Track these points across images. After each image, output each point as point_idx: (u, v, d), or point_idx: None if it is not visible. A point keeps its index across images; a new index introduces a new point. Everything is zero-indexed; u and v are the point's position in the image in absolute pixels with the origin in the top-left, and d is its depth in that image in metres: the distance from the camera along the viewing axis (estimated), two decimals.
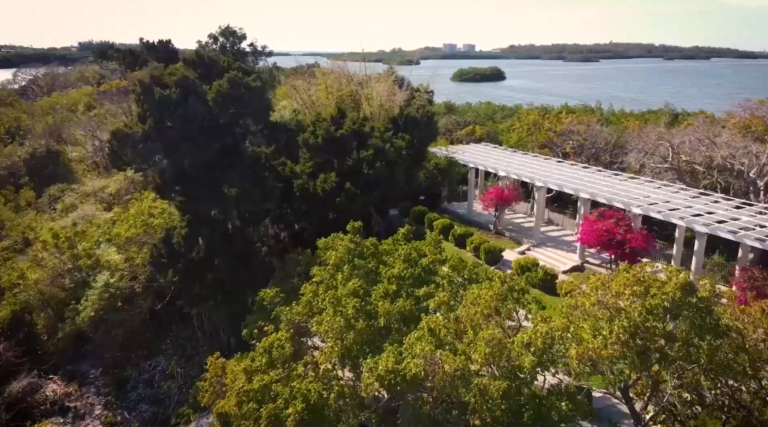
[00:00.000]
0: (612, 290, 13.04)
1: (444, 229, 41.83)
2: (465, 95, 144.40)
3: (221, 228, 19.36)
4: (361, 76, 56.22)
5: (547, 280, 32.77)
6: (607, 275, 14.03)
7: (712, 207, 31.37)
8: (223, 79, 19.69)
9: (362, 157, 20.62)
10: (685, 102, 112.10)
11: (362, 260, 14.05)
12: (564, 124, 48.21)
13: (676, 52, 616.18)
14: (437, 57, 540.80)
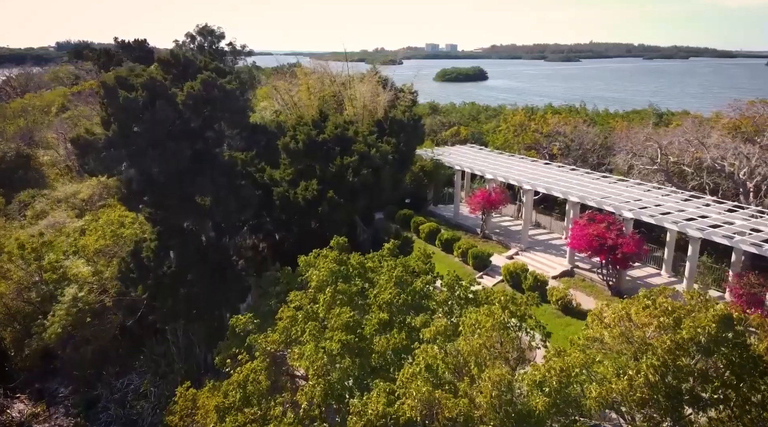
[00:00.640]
0: (636, 320, 11.81)
1: (430, 233, 40.82)
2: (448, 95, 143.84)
3: (194, 240, 17.99)
4: (344, 77, 54.97)
5: (538, 286, 31.88)
6: (628, 302, 12.83)
7: (704, 211, 30.70)
8: (195, 80, 18.32)
9: (346, 164, 19.40)
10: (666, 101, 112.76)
11: (347, 281, 12.76)
12: (550, 125, 47.44)
13: (655, 51, 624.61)
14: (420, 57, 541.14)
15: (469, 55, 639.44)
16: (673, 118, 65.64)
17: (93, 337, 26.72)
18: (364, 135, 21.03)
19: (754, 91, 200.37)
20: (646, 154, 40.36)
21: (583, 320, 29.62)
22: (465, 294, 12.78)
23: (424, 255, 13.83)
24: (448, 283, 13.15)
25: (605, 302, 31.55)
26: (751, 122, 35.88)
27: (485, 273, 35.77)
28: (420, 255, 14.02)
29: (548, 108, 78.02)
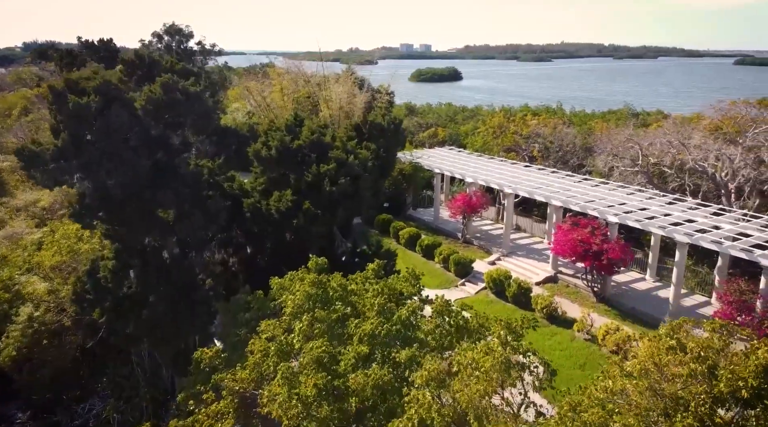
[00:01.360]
0: (662, 365, 10.60)
1: (410, 239, 39.65)
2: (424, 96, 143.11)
3: (156, 258, 16.41)
4: (318, 77, 53.39)
5: (521, 294, 30.95)
6: (651, 344, 11.62)
7: (689, 214, 30.09)
8: (155, 83, 16.70)
9: (323, 172, 18.00)
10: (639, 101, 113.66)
11: (326, 306, 11.35)
12: (530, 127, 46.67)
13: (624, 51, 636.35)
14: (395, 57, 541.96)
15: (443, 55, 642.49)
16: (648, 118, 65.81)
17: (51, 359, 24.85)
18: (342, 141, 19.65)
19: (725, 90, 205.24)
20: (627, 156, 39.79)
21: (568, 329, 28.82)
22: (456, 322, 11.53)
23: (412, 276, 12.53)
24: (437, 309, 11.88)
25: (591, 309, 31.08)
26: (733, 123, 35.52)
27: (467, 280, 34.72)
28: (408, 276, 12.71)
29: (525, 109, 77.71)
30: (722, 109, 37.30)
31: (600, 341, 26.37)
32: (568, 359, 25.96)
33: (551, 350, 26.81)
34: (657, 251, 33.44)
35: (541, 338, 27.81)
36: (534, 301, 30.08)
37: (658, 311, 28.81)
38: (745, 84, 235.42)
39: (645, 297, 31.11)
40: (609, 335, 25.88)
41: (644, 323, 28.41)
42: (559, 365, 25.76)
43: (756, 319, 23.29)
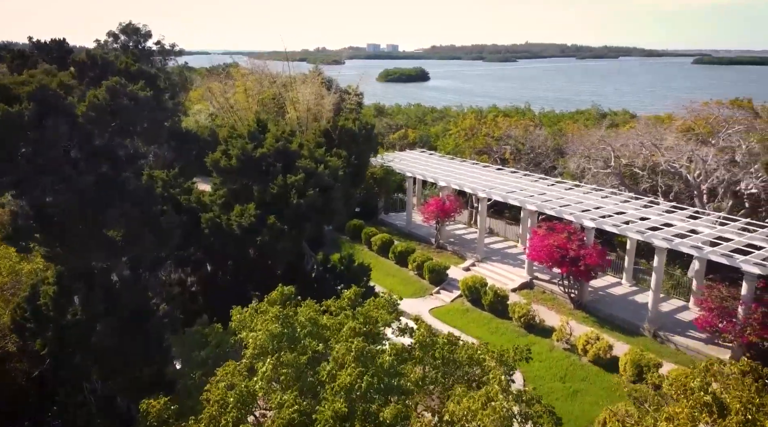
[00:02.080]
0: None
1: (383, 245, 38.37)
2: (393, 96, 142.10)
3: (103, 282, 14.72)
4: (284, 77, 51.63)
5: (498, 301, 30.01)
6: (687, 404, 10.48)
7: (666, 218, 29.64)
8: (101, 87, 15.00)
9: (289, 183, 16.55)
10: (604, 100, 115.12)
11: (294, 345, 9.88)
12: (502, 128, 45.96)
13: (587, 51, 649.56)
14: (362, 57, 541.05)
15: (410, 55, 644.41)
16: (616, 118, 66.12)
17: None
18: (310, 148, 18.21)
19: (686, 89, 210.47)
20: (599, 158, 39.37)
21: (547, 338, 28.00)
22: (442, 354, 10.30)
23: (389, 303, 11.23)
24: (420, 341, 10.62)
25: (568, 316, 30.36)
26: (705, 123, 35.38)
27: (442, 287, 33.64)
28: (385, 303, 11.40)
29: (494, 109, 77.38)
30: (694, 110, 37.17)
31: (580, 351, 25.61)
32: (548, 371, 25.09)
33: (530, 362, 25.89)
34: (633, 255, 32.99)
35: None
36: (511, 309, 29.19)
37: (636, 317, 28.25)
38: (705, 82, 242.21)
39: (622, 302, 30.56)
40: (589, 345, 25.12)
41: (623, 330, 27.82)
42: (538, 377, 24.93)
43: (737, 325, 22.79)
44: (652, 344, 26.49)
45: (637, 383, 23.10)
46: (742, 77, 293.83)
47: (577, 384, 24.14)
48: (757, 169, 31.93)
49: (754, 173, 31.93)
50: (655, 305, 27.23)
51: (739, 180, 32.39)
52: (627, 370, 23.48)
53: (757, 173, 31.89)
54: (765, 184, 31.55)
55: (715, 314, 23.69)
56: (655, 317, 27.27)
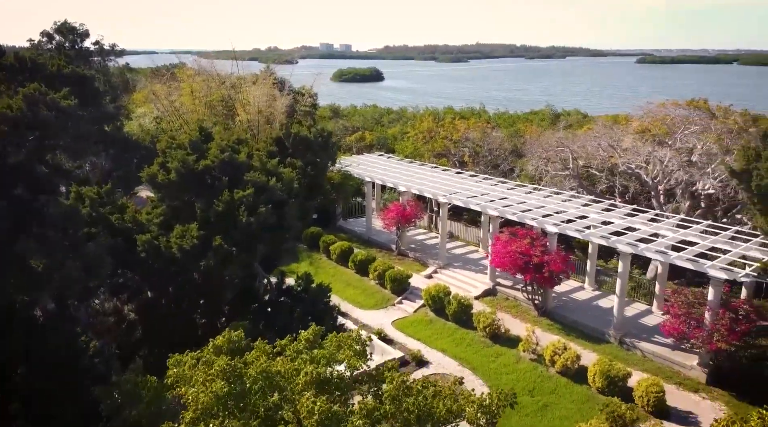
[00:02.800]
0: None
1: (342, 254, 36.85)
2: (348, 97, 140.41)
3: (24, 320, 12.70)
4: (234, 78, 49.27)
5: (462, 311, 28.98)
6: None
7: (629, 222, 29.31)
8: (17, 95, 12.96)
9: (237, 199, 14.86)
10: (555, 100, 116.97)
11: (242, 402, 8.34)
12: (460, 131, 45.16)
13: (535, 51, 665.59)
14: (315, 56, 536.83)
15: (363, 55, 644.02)
16: (569, 118, 66.68)
17: None
18: (261, 158, 16.52)
19: (630, 88, 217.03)
20: (558, 160, 39.03)
21: (513, 349, 27.11)
22: (418, 405, 8.94)
23: (356, 340, 9.73)
24: (391, 393, 9.22)
25: (533, 324, 29.62)
26: (661, 124, 35.44)
27: (405, 297, 32.41)
28: (353, 339, 9.84)
29: (450, 111, 76.93)
30: (651, 111, 37.26)
31: (547, 362, 24.82)
32: (516, 384, 24.14)
33: (497, 374, 24.99)
34: (594, 259, 32.67)
35: (486, 360, 26.00)
36: (476, 319, 28.20)
37: (601, 324, 27.75)
38: (650, 81, 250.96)
39: (587, 308, 30.07)
40: (557, 356, 24.35)
41: (589, 338, 27.27)
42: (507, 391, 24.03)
43: (705, 331, 22.43)
44: (619, 351, 26.01)
45: (606, 394, 22.50)
46: (682, 75, 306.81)
47: (547, 397, 23.31)
48: (714, 170, 32.07)
49: (711, 173, 32.06)
50: (620, 311, 26.78)
51: (696, 181, 32.48)
52: (596, 381, 22.82)
53: (714, 173, 32.03)
54: (722, 185, 31.69)
55: (682, 320, 23.31)
56: (621, 323, 26.82)
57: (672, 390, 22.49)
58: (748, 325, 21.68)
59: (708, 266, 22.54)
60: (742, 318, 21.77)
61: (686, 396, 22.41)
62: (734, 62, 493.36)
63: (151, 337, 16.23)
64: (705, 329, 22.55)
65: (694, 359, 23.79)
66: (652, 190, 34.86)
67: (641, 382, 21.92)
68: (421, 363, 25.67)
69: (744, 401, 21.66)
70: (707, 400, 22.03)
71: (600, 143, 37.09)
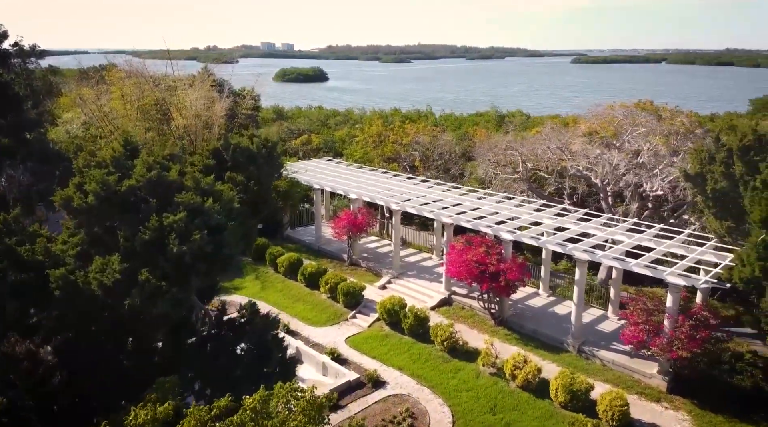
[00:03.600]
0: None
1: (291, 266, 34.94)
2: (292, 97, 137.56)
3: None
4: (170, 80, 46.30)
5: (419, 324, 27.75)
6: None
7: (583, 227, 28.95)
8: None
9: (167, 224, 12.94)
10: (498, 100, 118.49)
11: None
12: (410, 135, 44.08)
13: (475, 52, 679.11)
14: (256, 56, 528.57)
15: (306, 55, 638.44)
16: (513, 119, 67.08)
17: None
18: (195, 176, 14.57)
19: (569, 87, 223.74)
20: (508, 164, 38.56)
21: (472, 363, 26.02)
22: None
23: (312, 406, 8.17)
24: None
25: (491, 334, 28.75)
26: (608, 125, 35.50)
27: (358, 311, 30.89)
28: (306, 403, 8.26)
29: (396, 112, 76.05)
30: (599, 114, 37.31)
31: (508, 376, 23.92)
32: (477, 402, 23.13)
33: (457, 392, 23.86)
34: (548, 265, 32.23)
35: (445, 376, 24.85)
36: (433, 332, 27.04)
37: (559, 332, 27.20)
38: (585, 80, 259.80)
39: (543, 316, 29.49)
40: (518, 370, 23.47)
41: (548, 347, 26.62)
42: (468, 410, 22.85)
43: (665, 339, 22.07)
44: (578, 360, 25.47)
45: (569, 408, 21.80)
46: (613, 74, 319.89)
47: (509, 415, 22.37)
48: (662, 171, 32.25)
49: (659, 175, 32.21)
50: (578, 319, 26.26)
51: (644, 182, 32.58)
52: (559, 395, 22.07)
53: (662, 175, 32.19)
54: (671, 186, 31.89)
55: (641, 328, 22.88)
56: (579, 331, 26.31)
57: (634, 400, 22.02)
58: (708, 331, 21.43)
59: (667, 273, 22.20)
60: (702, 324, 21.49)
61: (649, 406, 21.99)
62: (663, 62, 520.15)
63: (73, 384, 14.05)
64: (665, 336, 22.19)
65: (654, 366, 23.47)
66: (601, 192, 34.82)
67: (605, 395, 21.30)
68: (378, 384, 24.23)
69: (705, 409, 21.44)
70: (670, 409, 21.67)
71: (549, 146, 36.84)
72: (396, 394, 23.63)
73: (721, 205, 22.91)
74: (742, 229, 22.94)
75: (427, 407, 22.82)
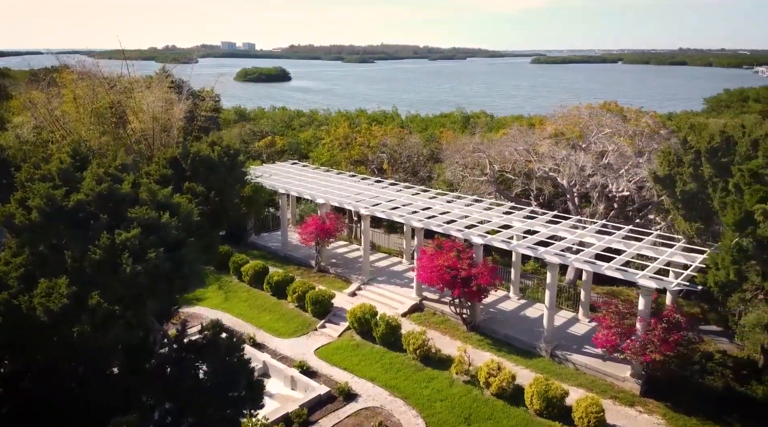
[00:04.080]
0: None
1: (256, 275, 33.80)
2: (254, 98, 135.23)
3: None
4: (126, 81, 44.38)
5: (391, 332, 27.10)
6: None
7: (552, 230, 28.82)
8: None
9: (120, 242, 11.87)
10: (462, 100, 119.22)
11: None
12: (377, 137, 43.39)
13: (438, 53, 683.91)
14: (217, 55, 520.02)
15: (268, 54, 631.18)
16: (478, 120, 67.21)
17: None
18: (151, 188, 13.49)
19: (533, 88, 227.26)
20: (476, 166, 38.30)
21: (445, 371, 25.43)
22: None
23: None
24: None
25: (463, 340, 28.27)
26: (573, 126, 35.59)
27: (328, 320, 30.02)
28: None
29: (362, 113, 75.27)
30: (566, 115, 37.38)
31: (482, 384, 23.49)
32: (451, 412, 22.61)
33: (431, 402, 23.28)
34: (518, 267, 32.07)
35: (418, 386, 24.25)
36: (405, 340, 26.42)
37: (532, 336, 26.97)
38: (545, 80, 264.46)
39: (515, 320, 29.24)
40: (492, 377, 23.06)
41: (520, 352, 26.34)
42: (442, 421, 22.26)
43: (638, 342, 21.99)
44: (551, 365, 25.26)
45: (545, 416, 21.51)
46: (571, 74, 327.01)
47: (484, 424, 21.93)
48: (628, 171, 32.45)
49: (625, 175, 32.40)
50: (550, 323, 26.07)
51: (611, 183, 32.72)
52: (534, 403, 21.76)
53: (628, 175, 32.39)
54: (636, 187, 32.11)
55: (614, 331, 22.77)
56: (551, 335, 26.12)
57: (609, 405, 21.87)
58: (680, 334, 21.43)
59: (639, 277, 22.12)
60: (674, 327, 21.48)
61: (623, 411, 21.87)
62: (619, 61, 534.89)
63: (21, 418, 12.81)
64: (638, 339, 22.12)
65: (627, 369, 23.41)
66: (567, 193, 34.86)
67: (580, 402, 21.07)
68: (349, 397, 23.46)
69: (679, 412, 21.43)
70: (644, 414, 21.59)
71: (516, 148, 36.73)
72: (368, 407, 22.90)
73: (690, 206, 23.01)
74: (712, 230, 23.09)
75: (401, 419, 22.17)
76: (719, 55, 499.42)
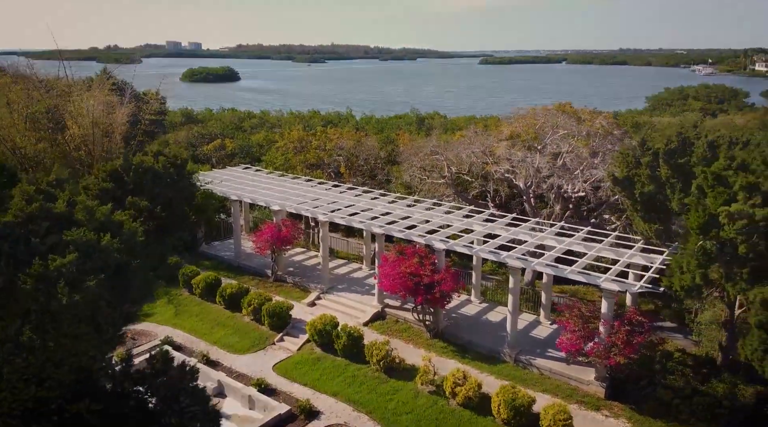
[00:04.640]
0: None
1: (208, 287, 32.24)
2: (202, 99, 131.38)
3: None
4: (64, 84, 41.77)
5: (353, 343, 26.22)
6: None
7: (513, 233, 28.60)
8: None
9: (54, 269, 10.57)
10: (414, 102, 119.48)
11: None
12: (333, 140, 42.37)
13: (388, 53, 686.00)
14: (161, 55, 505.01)
15: (215, 54, 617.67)
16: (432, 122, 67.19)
17: None
18: (89, 205, 12.17)
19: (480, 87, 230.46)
20: (434, 169, 37.88)
21: (410, 381, 24.67)
22: None
23: None
24: None
25: (427, 348, 27.72)
26: (529, 128, 35.66)
27: (286, 333, 28.85)
28: None
29: (315, 114, 74.04)
30: (521, 117, 37.44)
31: (448, 394, 22.96)
32: (418, 425, 21.96)
33: (395, 415, 22.54)
34: (479, 271, 31.83)
35: (383, 400, 23.48)
36: (368, 351, 25.61)
37: (495, 342, 26.69)
38: (494, 80, 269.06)
39: (477, 325, 28.93)
40: (458, 387, 22.55)
41: (484, 358, 26.01)
42: None
43: (602, 345, 21.95)
44: (516, 370, 25.03)
45: (513, 425, 21.14)
46: (519, 74, 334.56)
47: None
48: (583, 172, 32.70)
49: (581, 176, 32.63)
50: (513, 328, 25.82)
51: (566, 183, 32.89)
52: (501, 412, 21.35)
53: (583, 176, 32.64)
54: (592, 187, 32.38)
55: (577, 335, 22.67)
56: (515, 340, 25.89)
57: (575, 410, 21.73)
58: (643, 336, 21.50)
59: (602, 280, 22.08)
60: (637, 329, 21.53)
61: (590, 416, 21.79)
62: (563, 62, 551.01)
63: None
64: (601, 343, 22.08)
65: (591, 373, 23.38)
66: (524, 194, 34.88)
67: (547, 409, 20.80)
68: (311, 415, 22.45)
69: (644, 414, 21.47)
70: (611, 418, 21.56)
71: (473, 151, 36.51)
72: (332, 424, 22.00)
73: (649, 207, 23.16)
74: (670, 231, 23.31)
75: None
76: (657, 55, 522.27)
